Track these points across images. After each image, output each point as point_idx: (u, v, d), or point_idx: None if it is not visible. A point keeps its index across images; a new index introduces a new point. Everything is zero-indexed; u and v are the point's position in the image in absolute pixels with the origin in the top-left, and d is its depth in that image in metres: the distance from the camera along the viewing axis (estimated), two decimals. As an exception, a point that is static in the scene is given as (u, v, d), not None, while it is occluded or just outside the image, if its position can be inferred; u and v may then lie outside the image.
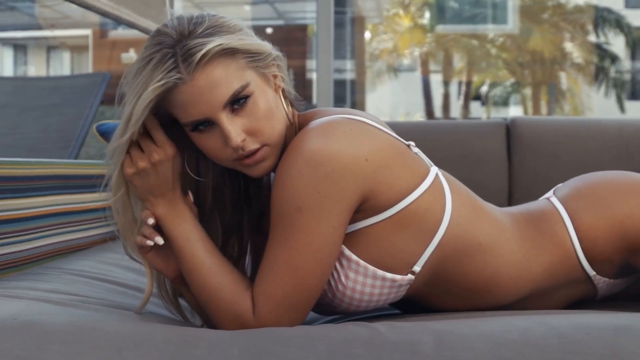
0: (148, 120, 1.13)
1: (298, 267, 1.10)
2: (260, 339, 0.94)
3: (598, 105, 13.22)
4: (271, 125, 1.14)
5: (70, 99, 2.93)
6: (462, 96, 13.63)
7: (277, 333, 0.95)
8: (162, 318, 1.16)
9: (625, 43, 13.46)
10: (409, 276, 1.19)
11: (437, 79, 13.64)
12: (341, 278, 1.18)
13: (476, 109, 14.69)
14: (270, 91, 1.17)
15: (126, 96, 1.13)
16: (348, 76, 11.98)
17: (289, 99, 1.23)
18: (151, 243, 1.14)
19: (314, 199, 1.09)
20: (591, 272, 1.31)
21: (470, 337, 0.91)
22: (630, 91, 14.33)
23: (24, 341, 0.92)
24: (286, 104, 1.21)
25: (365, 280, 1.17)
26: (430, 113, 13.33)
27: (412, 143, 1.27)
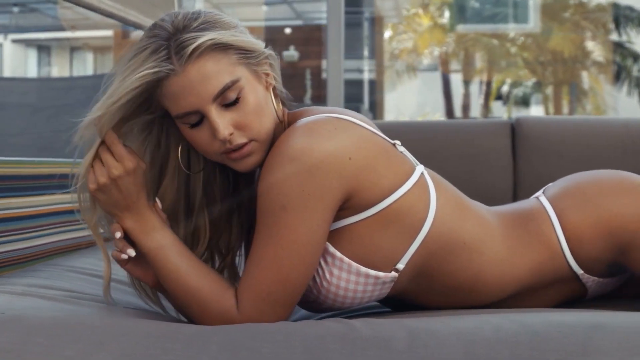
0: (108, 134, 1.15)
1: (283, 264, 1.12)
2: (237, 335, 0.95)
3: (620, 104, 13.09)
4: (260, 121, 1.17)
5: (82, 100, 2.97)
6: (483, 95, 13.57)
7: (255, 328, 0.97)
8: (145, 313, 1.18)
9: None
10: (393, 273, 1.21)
11: (458, 79, 13.59)
12: (326, 275, 1.19)
13: (498, 109, 14.62)
14: (260, 88, 1.19)
15: (113, 77, 1.16)
16: (366, 76, 11.99)
17: (280, 98, 1.26)
18: (125, 256, 1.16)
19: (298, 197, 1.11)
20: (579, 271, 1.31)
21: (443, 334, 0.92)
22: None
23: (10, 335, 0.95)
24: (276, 102, 1.23)
25: (349, 277, 1.19)
26: (450, 112, 13.29)
27: (398, 142, 1.28)
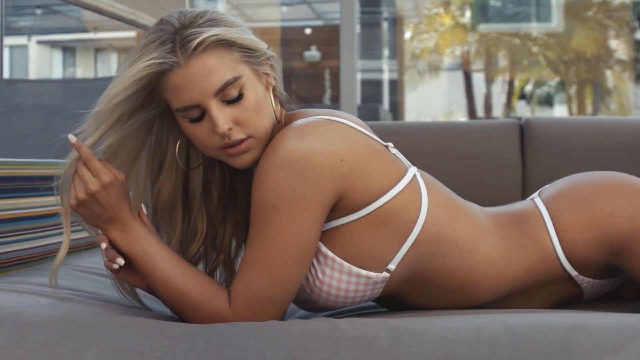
0: (83, 150, 1.18)
1: (275, 263, 1.15)
2: (225, 333, 0.98)
3: (645, 103, 12.95)
4: (258, 119, 1.19)
5: (97, 101, 3.01)
6: (505, 95, 13.50)
7: (241, 327, 0.99)
8: (136, 310, 1.21)
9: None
10: (384, 274, 1.22)
11: (480, 78, 13.53)
12: (318, 274, 1.21)
13: (521, 109, 14.54)
14: (261, 87, 1.22)
15: (119, 70, 1.19)
16: (386, 76, 11.97)
17: (279, 99, 1.28)
18: (116, 266, 1.19)
19: (290, 198, 1.14)
20: (573, 272, 1.32)
21: (425, 333, 0.94)
22: (679, 89, 14.01)
23: (5, 332, 0.98)
24: (275, 103, 1.26)
25: (340, 276, 1.21)
26: (472, 112, 13.23)
27: (391, 144, 1.30)
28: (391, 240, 1.22)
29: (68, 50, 15.73)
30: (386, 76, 11.96)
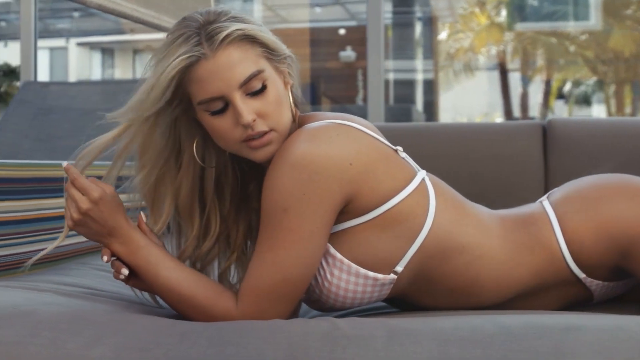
0: (70, 170, 1.22)
1: (284, 265, 1.17)
2: (227, 331, 1.01)
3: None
4: (280, 113, 1.23)
5: (125, 103, 3.06)
6: (542, 95, 13.38)
7: (243, 325, 1.02)
8: (144, 308, 1.24)
9: None
10: (392, 276, 1.24)
11: (516, 78, 13.42)
12: (327, 275, 1.24)
13: (559, 108, 14.40)
14: (281, 84, 1.26)
15: (150, 70, 1.23)
16: (420, 76, 11.93)
17: (295, 99, 1.32)
18: (122, 276, 1.22)
19: (299, 201, 1.16)
20: (581, 275, 1.33)
21: (420, 333, 0.96)
22: None
23: (18, 328, 1.02)
24: (292, 102, 1.29)
25: (348, 277, 1.23)
26: (508, 112, 13.14)
27: (400, 148, 1.32)
28: (399, 242, 1.24)
29: (107, 51, 15.97)
30: (420, 76, 11.92)
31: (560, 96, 14.12)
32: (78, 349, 0.98)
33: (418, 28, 11.65)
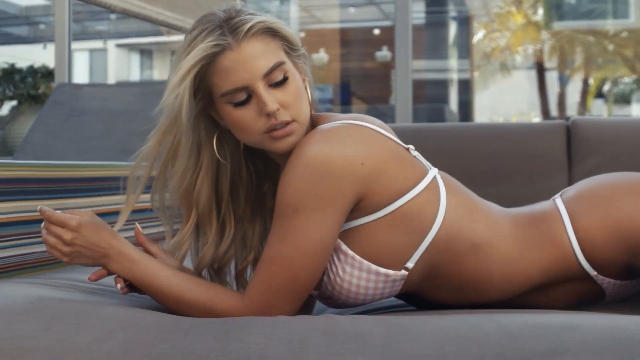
0: (41, 210, 1.24)
1: (293, 262, 1.20)
2: (231, 326, 1.03)
3: None
4: (300, 104, 1.27)
5: (155, 104, 3.11)
6: (580, 94, 13.22)
7: (247, 321, 1.05)
8: (153, 305, 1.27)
9: None
10: (403, 272, 1.27)
11: (553, 77, 13.28)
12: (339, 271, 1.27)
13: (598, 107, 14.21)
14: (300, 78, 1.30)
15: (174, 61, 1.26)
16: (455, 76, 11.87)
17: (312, 96, 1.35)
18: (125, 290, 1.25)
19: (311, 200, 1.19)
20: (592, 272, 1.33)
21: (417, 331, 0.97)
22: None
23: (33, 322, 1.06)
24: (310, 97, 1.33)
25: (360, 274, 1.26)
26: (546, 112, 13.00)
27: (412, 147, 1.34)
28: (409, 239, 1.26)
29: (145, 53, 16.16)
30: (454, 76, 11.87)
31: (599, 95, 13.94)
32: (88, 343, 1.02)
33: (452, 28, 11.60)
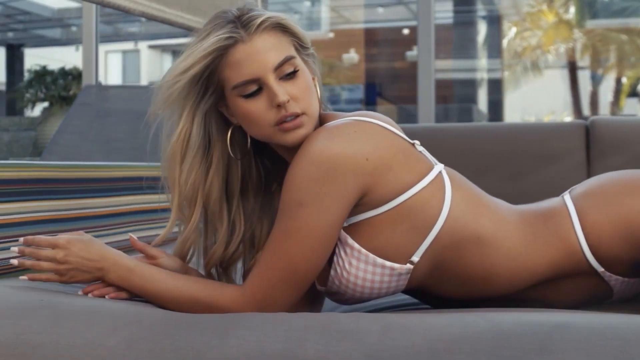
0: (25, 240, 1.28)
1: (295, 255, 1.23)
2: (230, 323, 1.06)
3: None
4: (310, 98, 1.30)
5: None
6: (612, 93, 13.06)
7: (247, 317, 1.07)
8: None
9: None
10: (408, 265, 1.29)
11: (585, 76, 13.14)
12: (345, 265, 1.29)
13: (632, 106, 14.03)
14: (309, 74, 1.33)
15: (185, 51, 1.30)
16: (485, 75, 11.79)
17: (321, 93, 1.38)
18: (123, 295, 1.28)
19: (315, 195, 1.22)
20: (599, 268, 1.34)
21: (413, 329, 0.99)
22: None
23: (42, 319, 1.09)
24: (319, 94, 1.36)
25: (366, 267, 1.28)
26: (578, 111, 12.87)
27: (417, 142, 1.36)
28: (414, 233, 1.28)
29: (177, 54, 16.26)
30: (484, 75, 11.79)
31: (632, 94, 13.76)
32: (95, 339, 1.05)
33: (481, 27, 11.53)
